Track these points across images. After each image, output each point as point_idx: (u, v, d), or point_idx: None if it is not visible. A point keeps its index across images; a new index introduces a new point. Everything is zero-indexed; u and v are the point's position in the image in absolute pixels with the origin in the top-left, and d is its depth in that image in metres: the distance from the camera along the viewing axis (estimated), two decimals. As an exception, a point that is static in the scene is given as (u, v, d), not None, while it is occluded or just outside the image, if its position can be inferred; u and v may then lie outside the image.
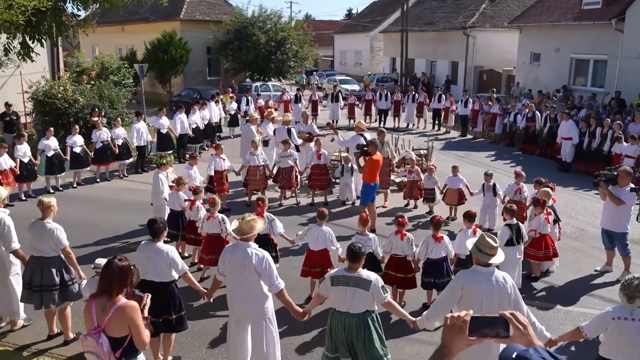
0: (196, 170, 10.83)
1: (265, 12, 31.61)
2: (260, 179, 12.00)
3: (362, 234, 7.44)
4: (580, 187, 14.08)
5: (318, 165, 12.29)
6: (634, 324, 4.45)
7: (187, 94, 26.47)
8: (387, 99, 22.81)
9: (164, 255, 5.79)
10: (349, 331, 5.16)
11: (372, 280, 5.13)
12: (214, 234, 8.16)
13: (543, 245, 8.47)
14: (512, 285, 4.85)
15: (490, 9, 32.21)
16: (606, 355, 4.66)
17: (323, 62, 53.90)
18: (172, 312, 5.94)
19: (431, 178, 11.71)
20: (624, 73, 20.06)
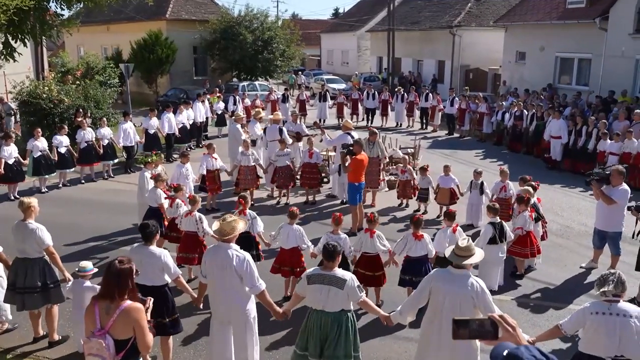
0: (189, 167, 10.79)
1: (252, 11, 31.52)
2: (251, 179, 11.98)
3: (333, 232, 7.40)
4: (566, 185, 14.21)
5: (309, 163, 12.31)
6: (612, 318, 4.52)
7: (173, 93, 26.32)
8: (374, 98, 22.87)
9: (157, 259, 5.73)
10: (323, 329, 5.18)
11: (347, 280, 5.13)
12: (190, 232, 8.17)
13: (528, 242, 8.53)
14: (479, 290, 4.90)
15: (476, 8, 32.40)
16: (586, 350, 4.72)
17: (310, 61, 53.89)
18: (166, 316, 5.89)
19: (425, 178, 11.73)
20: (607, 71, 20.28)
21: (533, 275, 8.88)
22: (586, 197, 12.80)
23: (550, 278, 8.77)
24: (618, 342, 4.50)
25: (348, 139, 11.85)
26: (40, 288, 6.42)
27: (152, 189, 9.17)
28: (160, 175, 9.24)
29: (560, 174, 15.36)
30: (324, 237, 7.36)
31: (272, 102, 22.48)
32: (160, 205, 8.96)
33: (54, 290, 6.53)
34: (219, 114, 20.32)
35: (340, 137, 12.38)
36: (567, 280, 8.73)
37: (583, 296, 8.17)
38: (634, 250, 8.37)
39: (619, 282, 4.60)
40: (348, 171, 10.52)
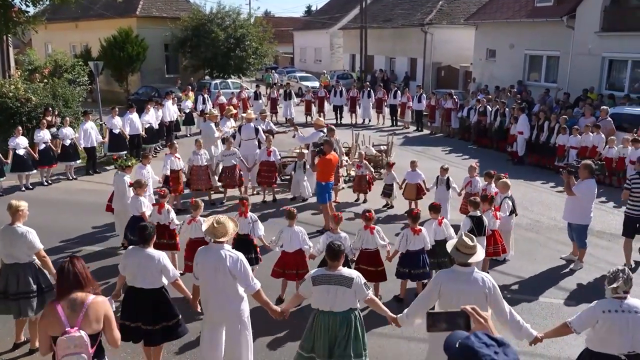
0: (150, 169, 10.51)
1: (224, 8, 31.36)
2: (204, 179, 11.86)
3: (333, 232, 7.41)
4: (532, 180, 14.47)
5: (267, 162, 12.19)
6: (624, 316, 4.51)
7: (144, 91, 26.00)
8: (342, 95, 22.92)
9: (155, 261, 5.60)
10: (332, 330, 5.14)
11: (354, 278, 5.12)
12: (197, 238, 7.72)
13: (492, 241, 8.56)
14: (491, 286, 4.85)
15: (447, 6, 32.70)
16: (597, 348, 4.68)
17: (283, 59, 53.79)
18: (170, 318, 5.79)
19: (390, 174, 11.86)
20: (575, 69, 20.69)
21: (504, 269, 9.02)
22: (554, 192, 13.06)
23: (520, 272, 8.91)
24: (631, 339, 4.51)
25: (321, 135, 11.89)
26: (36, 293, 6.24)
27: (134, 197, 8.73)
28: (140, 182, 8.78)
29: (524, 168, 15.64)
30: (324, 238, 7.36)
31: (244, 100, 22.37)
32: (142, 214, 8.51)
33: (48, 295, 6.24)
34: (187, 113, 20.08)
35: (313, 135, 12.40)
36: (536, 274, 8.87)
37: (553, 289, 8.34)
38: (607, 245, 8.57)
39: (628, 279, 4.59)
40: (316, 170, 10.52)
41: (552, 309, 7.66)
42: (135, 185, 8.72)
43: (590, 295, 7.54)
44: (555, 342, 6.43)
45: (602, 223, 11.12)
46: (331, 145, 10.41)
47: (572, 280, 8.54)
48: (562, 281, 8.59)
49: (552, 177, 14.48)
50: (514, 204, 9.25)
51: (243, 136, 13.02)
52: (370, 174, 12.25)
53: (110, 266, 8.64)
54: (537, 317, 7.30)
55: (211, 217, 5.63)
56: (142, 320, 5.66)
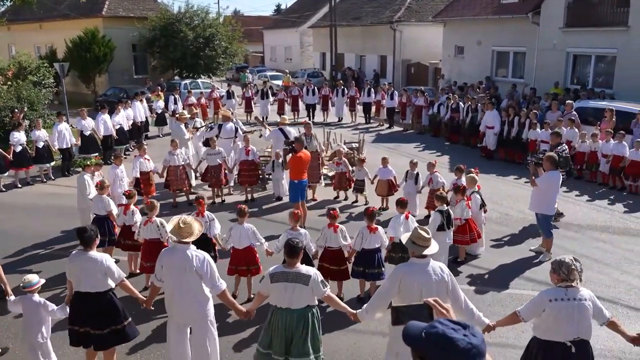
0: (123, 169, 10.50)
1: (192, 8, 31.08)
2: (181, 179, 11.78)
3: (293, 229, 7.42)
4: (502, 174, 14.71)
5: (247, 161, 12.19)
6: (570, 304, 4.60)
7: (113, 93, 25.61)
8: (314, 94, 22.96)
9: (98, 264, 5.50)
10: (289, 327, 5.15)
11: (311, 275, 5.14)
12: (153, 239, 7.76)
13: (468, 229, 8.85)
14: (448, 274, 4.98)
15: (415, 4, 32.99)
16: (544, 336, 4.77)
17: (253, 58, 53.56)
18: (119, 321, 5.70)
19: (362, 169, 11.96)
20: (541, 64, 21.09)
21: (474, 261, 9.16)
22: (523, 186, 13.28)
23: (490, 264, 9.06)
24: (577, 326, 4.61)
25: (279, 133, 12.08)
26: None
27: (98, 196, 8.73)
28: (105, 182, 8.85)
29: (495, 163, 15.88)
30: (284, 235, 7.36)
31: (215, 99, 22.22)
32: (109, 213, 8.58)
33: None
34: (159, 113, 19.88)
35: (273, 132, 12.48)
36: (506, 265, 9.03)
37: (523, 280, 8.49)
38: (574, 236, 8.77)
39: (572, 268, 4.66)
40: (288, 168, 10.52)
41: (522, 300, 7.77)
42: (101, 185, 8.73)
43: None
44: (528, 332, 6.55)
45: (570, 215, 11.36)
46: (302, 143, 10.41)
47: (540, 271, 8.70)
48: (531, 272, 8.76)
49: (522, 171, 14.73)
50: (482, 198, 9.40)
51: (222, 135, 12.96)
52: (349, 172, 12.30)
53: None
54: (507, 308, 7.41)
55: (176, 217, 5.57)
56: (91, 325, 5.58)
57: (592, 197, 12.76)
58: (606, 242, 10.00)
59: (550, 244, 9.21)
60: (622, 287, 8.21)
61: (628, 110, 14.34)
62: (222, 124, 13.38)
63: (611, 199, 12.55)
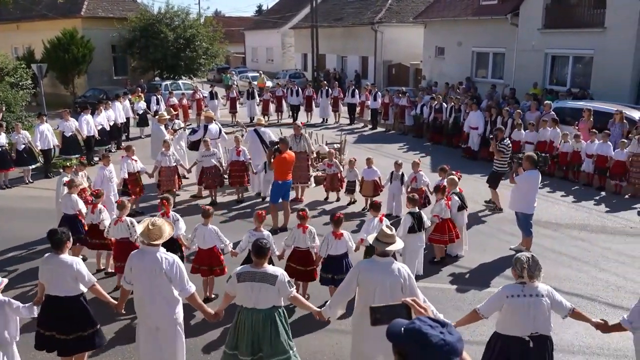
0: (112, 170, 10.46)
1: (172, 8, 30.92)
2: (172, 180, 11.74)
3: (256, 230, 7.40)
4: (486, 174, 14.79)
5: (237, 161, 12.18)
6: (526, 300, 4.73)
7: (92, 94, 25.37)
8: (298, 95, 22.98)
9: (69, 267, 5.44)
10: (255, 327, 5.14)
11: (278, 275, 5.14)
12: (123, 239, 7.75)
13: (446, 229, 8.89)
14: (406, 276, 5.06)
15: (396, 5, 33.17)
16: (504, 331, 4.90)
17: (235, 59, 53.41)
18: (86, 327, 5.63)
19: (352, 171, 11.97)
20: (520, 65, 21.34)
21: (454, 261, 9.23)
22: (504, 186, 13.40)
23: (471, 263, 9.15)
24: (533, 321, 4.73)
25: (253, 135, 12.24)
26: None
27: (66, 195, 8.70)
28: (74, 181, 8.80)
29: (478, 163, 15.99)
30: (247, 236, 7.40)
31: (198, 100, 22.13)
32: (78, 212, 8.57)
33: None
34: (140, 114, 19.74)
35: (248, 134, 12.63)
36: (487, 264, 9.13)
37: (502, 278, 8.56)
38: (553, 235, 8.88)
39: (532, 264, 4.76)
40: (272, 169, 10.52)
41: (503, 298, 7.88)
42: (70, 184, 8.68)
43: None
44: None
45: (549, 213, 11.52)
46: (286, 144, 10.42)
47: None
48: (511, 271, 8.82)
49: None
50: (462, 199, 9.46)
51: (207, 136, 12.92)
52: (341, 173, 12.29)
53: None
54: (489, 307, 7.50)
55: (146, 219, 5.55)
56: (57, 329, 5.53)
57: (570, 195, 12.93)
58: (584, 240, 10.16)
59: (530, 243, 9.32)
60: (600, 284, 8.34)
61: (605, 110, 14.56)
62: (206, 125, 13.33)
63: (589, 197, 12.73)
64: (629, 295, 7.91)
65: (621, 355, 6.43)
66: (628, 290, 8.09)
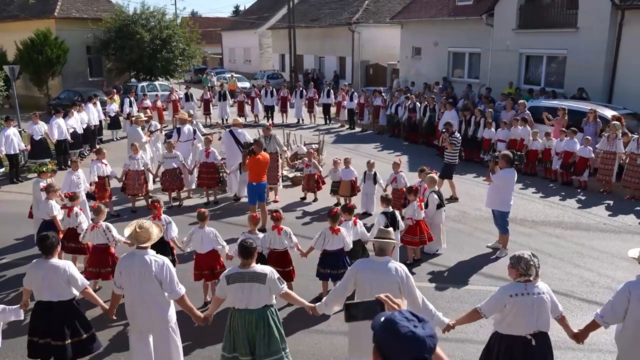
0: (80, 175, 10.26)
1: (148, 9, 30.59)
2: (138, 184, 11.56)
3: (251, 232, 7.39)
4: (460, 173, 14.94)
5: (206, 163, 12.06)
6: (530, 298, 4.72)
7: (67, 96, 24.98)
8: (272, 96, 22.92)
9: (61, 272, 5.41)
10: (249, 327, 5.14)
11: (267, 273, 5.15)
12: (100, 244, 7.63)
13: (418, 231, 8.89)
14: (404, 276, 5.06)
15: (373, 6, 33.32)
16: (505, 331, 4.86)
17: (212, 59, 53.10)
18: (82, 332, 5.57)
19: (337, 171, 11.95)
20: (495, 65, 21.58)
21: (432, 259, 9.31)
22: (480, 184, 13.56)
23: (449, 261, 9.22)
24: (536, 319, 4.73)
25: (230, 136, 12.22)
26: None
27: (44, 201, 8.53)
28: (52, 186, 8.62)
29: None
30: (242, 238, 7.32)
31: (174, 101, 21.93)
32: (53, 218, 8.34)
33: None
34: (112, 116, 19.44)
35: (224, 135, 12.57)
36: (464, 262, 9.21)
37: (479, 276, 8.67)
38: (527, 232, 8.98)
39: (531, 263, 4.76)
40: (246, 170, 10.48)
41: (480, 295, 7.93)
42: (48, 189, 8.51)
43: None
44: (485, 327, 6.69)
45: (525, 211, 11.67)
46: (260, 145, 10.36)
47: (497, 267, 8.90)
48: (489, 268, 8.95)
49: (478, 169, 15.04)
50: (440, 197, 9.54)
51: (181, 138, 12.80)
52: (319, 173, 12.26)
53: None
54: (466, 304, 7.56)
55: (134, 222, 5.51)
56: (52, 335, 5.46)
57: (544, 192, 13.13)
58: (559, 237, 10.31)
59: (506, 240, 9.44)
60: (574, 280, 8.47)
61: (579, 109, 14.81)
62: (179, 127, 13.22)
63: (562, 194, 12.93)
64: (602, 291, 8.05)
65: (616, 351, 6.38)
66: (602, 286, 8.24)
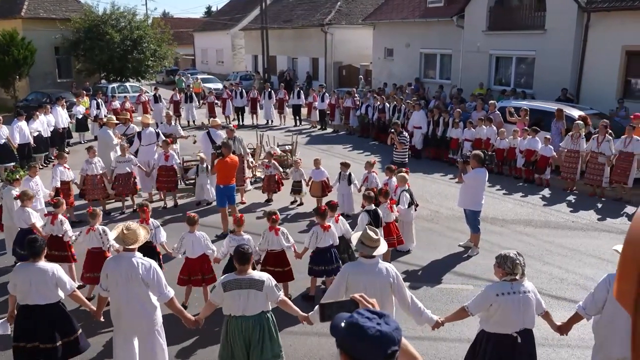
0: (38, 182, 9.79)
1: (118, 9, 30.22)
2: (98, 188, 11.33)
3: (236, 234, 7.35)
4: (430, 172, 15.15)
5: (165, 166, 11.84)
6: (516, 297, 4.78)
7: (34, 97, 24.47)
8: (242, 97, 22.86)
9: (49, 274, 5.33)
10: (246, 334, 5.11)
11: (264, 280, 5.13)
12: (95, 248, 7.48)
13: (387, 233, 8.81)
14: (394, 275, 5.09)
15: (345, 7, 33.44)
16: (492, 329, 4.92)
17: (184, 60, 52.63)
18: (71, 333, 5.52)
19: (298, 171, 12.04)
20: (466, 66, 21.86)
21: (406, 259, 9.37)
22: (451, 184, 13.72)
23: (422, 260, 9.29)
24: (523, 317, 4.80)
25: (207, 138, 12.13)
26: None
27: (20, 209, 8.18)
28: (27, 193, 8.24)
29: (423, 161, 16.33)
30: (227, 241, 7.34)
31: (143, 103, 21.67)
32: (32, 226, 8.02)
33: None
34: (79, 119, 19.07)
35: (201, 136, 12.52)
36: (437, 261, 9.29)
37: (452, 274, 8.76)
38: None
39: (517, 261, 4.81)
40: (214, 173, 10.40)
41: (452, 294, 8.06)
42: (22, 196, 8.19)
43: (486, 278, 8.06)
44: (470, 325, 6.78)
45: (495, 210, 11.84)
46: (229, 147, 10.28)
47: (469, 266, 9.02)
48: (461, 267, 9.05)
49: (448, 169, 15.22)
50: (412, 196, 9.63)
51: (143, 142, 12.59)
52: (279, 174, 12.30)
53: (2, 284, 8.08)
54: (439, 302, 7.65)
55: (121, 224, 5.49)
56: (40, 339, 5.38)
57: (512, 191, 13.33)
58: (529, 235, 10.48)
59: (478, 239, 9.56)
60: (544, 277, 8.62)
61: (546, 109, 15.10)
62: (140, 131, 13.00)
63: (529, 193, 13.16)
64: (571, 287, 8.22)
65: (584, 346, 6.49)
66: (570, 282, 8.41)
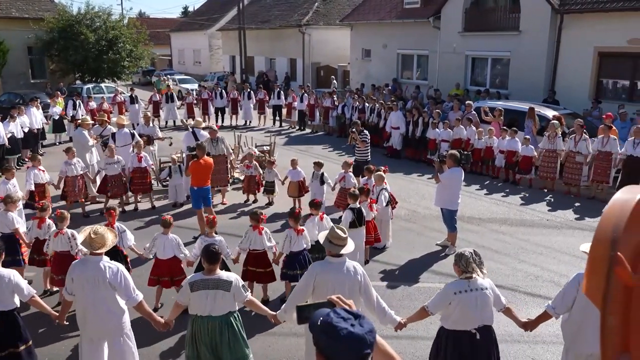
0: (15, 184, 9.59)
1: (93, 9, 29.82)
2: (79, 190, 11.21)
3: (208, 235, 7.33)
4: (408, 172, 15.26)
5: (139, 168, 11.67)
6: (473, 294, 4.85)
7: (7, 98, 23.98)
8: (222, 97, 22.78)
9: (5, 281, 5.21)
10: (212, 334, 5.09)
11: (232, 281, 5.10)
12: (63, 252, 7.34)
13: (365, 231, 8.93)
14: (362, 274, 5.12)
15: (323, 7, 33.48)
16: (451, 327, 4.98)
17: (161, 61, 52.15)
18: (20, 343, 5.38)
19: (271, 171, 12.06)
20: (443, 66, 22.06)
21: (384, 258, 9.43)
22: (428, 183, 13.83)
23: (399, 259, 9.36)
24: (480, 314, 4.87)
25: (191, 137, 11.95)
26: None
27: (2, 213, 7.95)
28: (11, 197, 8.05)
29: (401, 162, 16.44)
30: (199, 242, 7.27)
31: (119, 103, 21.43)
32: (15, 231, 7.83)
33: None
34: (56, 120, 18.82)
35: (185, 137, 12.37)
36: (415, 260, 9.36)
37: (429, 273, 8.84)
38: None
39: (477, 259, 4.89)
40: (188, 175, 10.31)
41: (430, 293, 8.06)
42: (7, 200, 8.00)
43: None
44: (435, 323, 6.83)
45: (472, 209, 11.97)
46: (203, 149, 10.20)
47: (446, 265, 9.09)
48: (438, 265, 9.13)
49: (426, 169, 15.34)
50: (390, 195, 9.69)
51: (118, 143, 12.44)
52: (259, 175, 12.29)
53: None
54: (417, 302, 7.69)
55: (88, 228, 5.40)
56: None
57: (489, 190, 13.52)
58: (505, 233, 10.62)
59: (455, 238, 9.66)
60: (519, 275, 8.75)
61: (521, 109, 15.34)
62: (114, 132, 12.84)
63: (506, 192, 13.35)
64: (546, 284, 8.35)
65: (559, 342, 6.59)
66: (545, 280, 8.54)
